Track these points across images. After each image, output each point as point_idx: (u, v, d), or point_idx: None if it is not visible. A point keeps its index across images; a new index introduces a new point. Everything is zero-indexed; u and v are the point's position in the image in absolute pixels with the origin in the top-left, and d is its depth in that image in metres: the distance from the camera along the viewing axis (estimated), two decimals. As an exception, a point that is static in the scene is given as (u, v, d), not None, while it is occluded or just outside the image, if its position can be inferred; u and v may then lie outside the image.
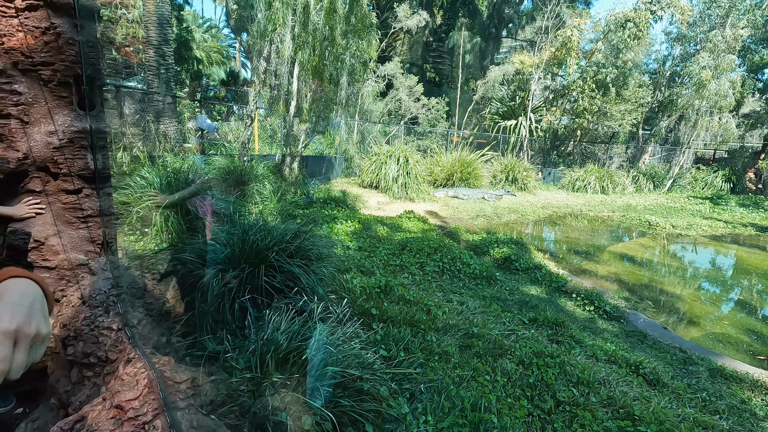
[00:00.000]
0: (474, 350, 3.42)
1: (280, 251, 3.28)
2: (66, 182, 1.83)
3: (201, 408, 1.49)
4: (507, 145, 18.73)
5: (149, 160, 7.37)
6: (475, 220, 10.38)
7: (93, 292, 1.71)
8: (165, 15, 10.49)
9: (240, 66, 31.14)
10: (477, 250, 7.00)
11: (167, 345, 1.94)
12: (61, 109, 1.84)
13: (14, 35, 1.74)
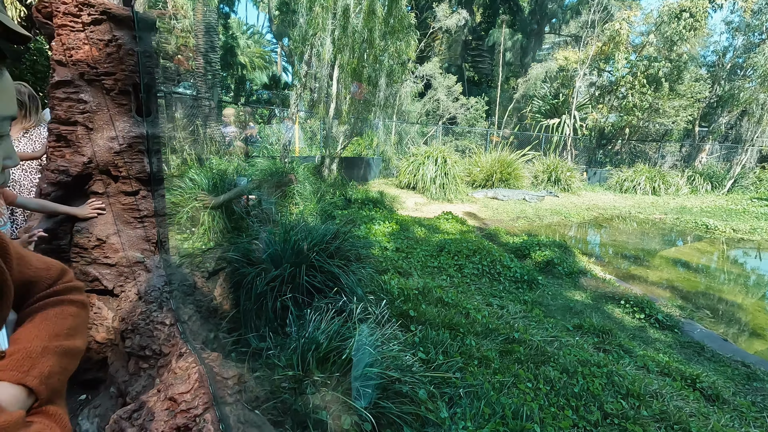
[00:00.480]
0: (515, 356, 3.33)
1: (320, 251, 3.33)
2: (125, 184, 1.95)
3: (246, 403, 1.53)
4: (549, 145, 18.13)
5: (197, 163, 7.73)
6: (515, 221, 10.12)
7: (148, 288, 1.81)
8: (212, 23, 10.97)
9: (281, 70, 32.05)
10: (518, 252, 6.82)
11: (215, 340, 2.02)
12: (122, 116, 1.96)
13: (81, 48, 1.87)
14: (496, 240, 7.60)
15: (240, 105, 14.98)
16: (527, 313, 4.49)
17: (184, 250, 3.79)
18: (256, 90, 25.19)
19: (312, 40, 8.60)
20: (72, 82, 1.86)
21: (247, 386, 1.60)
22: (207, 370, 1.31)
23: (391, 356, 2.56)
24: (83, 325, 0.71)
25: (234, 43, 23.80)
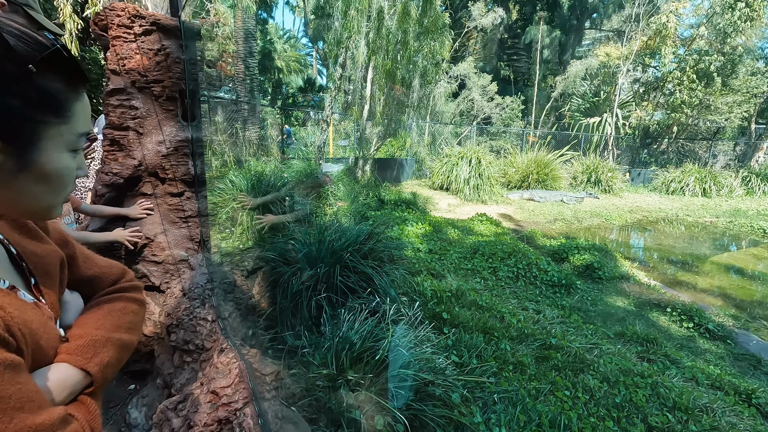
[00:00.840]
0: (552, 362, 3.23)
1: (354, 252, 3.37)
2: (171, 186, 2.05)
3: (283, 400, 1.57)
4: (589, 144, 17.47)
5: (236, 164, 8.01)
6: (552, 224, 9.82)
7: (192, 285, 1.89)
8: (251, 30, 11.35)
9: (316, 73, 32.65)
10: (555, 256, 6.61)
11: (253, 337, 2.09)
12: (168, 121, 2.07)
13: (133, 57, 1.99)
14: (532, 242, 7.41)
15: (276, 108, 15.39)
16: (565, 318, 4.35)
17: (224, 249, 3.93)
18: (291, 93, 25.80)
19: (347, 43, 8.71)
20: (124, 90, 1.98)
21: (284, 383, 1.64)
22: (246, 366, 1.36)
23: (424, 358, 2.55)
24: (140, 323, 0.78)
25: (271, 48, 24.48)
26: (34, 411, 0.47)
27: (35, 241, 0.68)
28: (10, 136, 0.48)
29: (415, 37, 8.99)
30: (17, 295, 0.58)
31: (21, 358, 0.50)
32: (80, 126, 0.55)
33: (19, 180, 0.51)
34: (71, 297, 0.75)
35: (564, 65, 21.56)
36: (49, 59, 0.50)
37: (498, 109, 18.24)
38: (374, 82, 9.63)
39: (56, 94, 0.51)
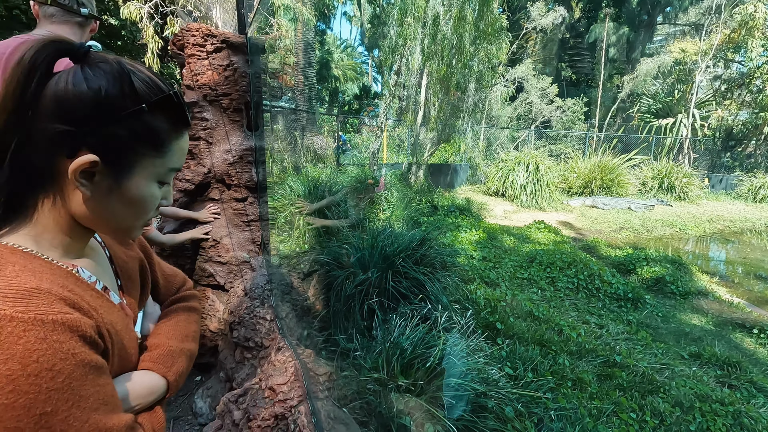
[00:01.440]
0: (615, 381, 3.03)
1: (406, 257, 3.38)
2: (236, 192, 2.19)
3: (335, 400, 1.61)
4: (661, 148, 16.18)
5: (294, 171, 8.35)
6: (618, 233, 9.19)
7: (253, 285, 2.00)
8: (309, 41, 11.83)
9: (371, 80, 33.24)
10: (620, 267, 6.19)
11: (308, 338, 2.16)
12: (235, 131, 2.21)
13: (205, 73, 2.16)
14: (594, 252, 6.99)
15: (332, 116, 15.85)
16: (631, 335, 4.05)
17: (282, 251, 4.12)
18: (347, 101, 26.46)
19: (402, 50, 8.79)
20: (197, 103, 2.15)
21: (336, 384, 1.68)
22: (302, 365, 1.41)
23: (476, 368, 2.49)
24: (199, 331, 0.86)
25: (329, 58, 25.32)
26: (107, 414, 0.50)
27: (122, 247, 0.77)
28: (111, 159, 0.54)
29: (471, 42, 8.87)
30: (108, 297, 0.64)
31: (105, 360, 0.54)
32: (173, 162, 0.61)
33: (109, 199, 0.57)
34: (153, 308, 0.84)
35: (632, 64, 20.20)
36: (161, 103, 0.56)
37: (558, 111, 17.45)
38: (428, 88, 9.63)
39: (159, 132, 0.57)
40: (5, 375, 0.41)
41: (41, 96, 0.51)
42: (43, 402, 0.43)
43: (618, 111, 19.86)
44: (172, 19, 7.05)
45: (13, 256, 0.51)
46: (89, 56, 0.55)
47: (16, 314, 0.43)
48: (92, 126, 0.52)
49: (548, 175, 11.05)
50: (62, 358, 0.45)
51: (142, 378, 0.65)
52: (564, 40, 22.94)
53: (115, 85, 0.53)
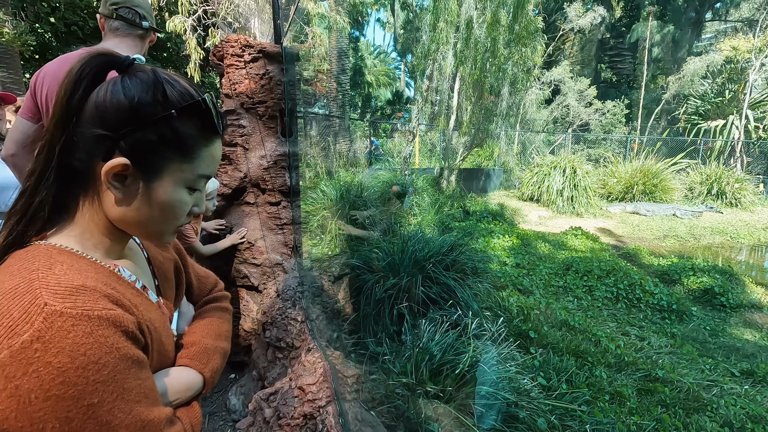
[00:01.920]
0: (657, 397, 2.88)
1: (436, 263, 3.36)
2: (270, 196, 2.26)
3: (362, 403, 1.63)
4: (710, 151, 15.26)
5: (327, 175, 8.49)
6: (662, 241, 8.74)
7: (285, 287, 2.06)
8: (343, 48, 12.03)
9: (404, 86, 33.34)
10: (664, 277, 5.88)
11: (337, 340, 2.19)
12: (269, 137, 2.29)
13: (242, 82, 2.25)
14: (636, 261, 6.68)
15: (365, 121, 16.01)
16: (675, 348, 3.84)
17: (313, 254, 4.19)
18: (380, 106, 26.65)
19: (434, 55, 8.79)
20: (235, 111, 2.24)
21: (364, 387, 1.70)
22: (330, 367, 1.43)
23: (507, 377, 2.44)
24: (231, 330, 0.90)
25: (362, 64, 25.63)
26: (148, 407, 0.53)
27: (159, 249, 0.81)
28: (141, 163, 0.56)
29: (505, 45, 8.75)
30: (147, 295, 0.66)
31: (146, 355, 0.56)
32: (202, 169, 0.63)
33: (139, 203, 0.59)
34: (187, 308, 0.88)
35: (678, 63, 19.22)
36: (189, 109, 0.58)
37: (597, 114, 16.85)
38: (461, 92, 9.56)
39: (186, 138, 0.59)
40: (56, 367, 0.44)
41: (85, 104, 0.55)
42: (90, 394, 0.45)
43: (662, 113, 18.93)
44: (213, 30, 7.37)
45: (61, 256, 0.54)
46: (131, 68, 0.59)
47: (65, 310, 0.46)
48: (125, 131, 0.55)
49: (586, 180, 10.67)
50: (107, 352, 0.47)
51: (180, 374, 0.68)
52: (603, 40, 22.17)
53: (148, 93, 0.56)
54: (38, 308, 0.45)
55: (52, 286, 0.48)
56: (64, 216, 0.59)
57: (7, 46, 7.52)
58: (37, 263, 0.51)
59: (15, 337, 0.43)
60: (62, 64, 1.52)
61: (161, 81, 0.57)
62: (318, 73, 11.65)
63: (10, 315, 0.45)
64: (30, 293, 0.46)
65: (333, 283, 2.75)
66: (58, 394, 0.43)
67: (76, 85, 0.55)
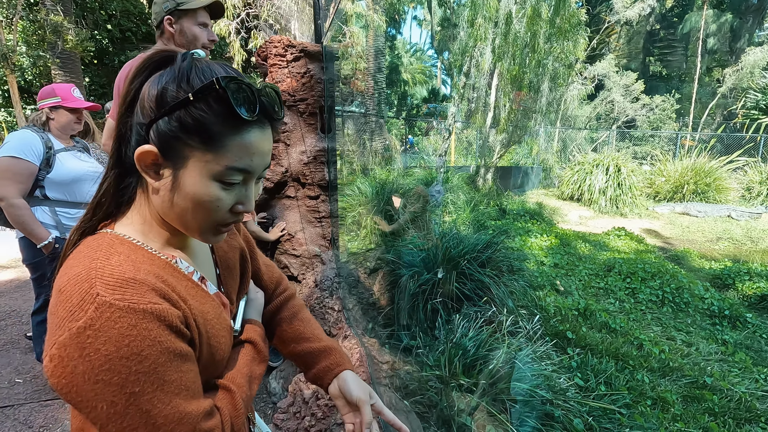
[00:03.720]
0: (705, 405, 2.75)
1: (471, 260, 3.36)
2: (310, 190, 2.34)
3: (396, 390, 1.67)
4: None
5: (363, 173, 8.60)
6: (714, 243, 8.23)
7: (323, 278, 2.13)
8: (380, 47, 12.10)
9: (440, 83, 33.08)
10: (716, 281, 5.54)
11: (372, 331, 2.25)
12: (310, 134, 2.38)
13: (284, 81, 2.34)
14: (684, 263, 6.34)
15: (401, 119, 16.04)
16: (726, 356, 3.63)
17: (349, 248, 4.28)
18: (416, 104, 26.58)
19: (472, 51, 8.69)
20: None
21: (398, 375, 1.74)
22: (366, 353, 1.49)
23: (542, 375, 2.41)
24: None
25: (398, 62, 25.65)
26: (187, 399, 0.54)
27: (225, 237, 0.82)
28: (167, 152, 0.56)
29: (546, 39, 8.51)
30: (204, 287, 0.66)
31: (192, 348, 0.57)
32: (231, 160, 0.57)
33: (172, 194, 0.58)
34: (256, 295, 0.87)
35: (736, 54, 17.94)
36: (206, 92, 0.54)
37: (644, 110, 16.02)
38: (499, 89, 9.39)
39: (208, 125, 0.55)
40: (104, 354, 0.47)
41: (138, 98, 0.58)
42: (132, 383, 0.48)
43: (717, 108, 17.75)
44: (255, 33, 7.64)
45: (122, 246, 0.56)
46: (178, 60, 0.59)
47: (114, 301, 0.48)
48: (152, 118, 0.55)
49: (631, 178, 10.20)
50: (149, 345, 0.49)
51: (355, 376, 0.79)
52: (653, 32, 21.04)
53: (175, 80, 0.55)
54: (92, 297, 0.48)
55: (106, 277, 0.50)
56: (131, 206, 0.63)
57: (70, 52, 8.14)
58: (98, 252, 0.54)
59: (73, 321, 0.47)
60: None
61: (192, 68, 0.56)
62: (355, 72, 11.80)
63: (71, 300, 0.49)
64: (87, 282, 0.49)
65: (368, 276, 2.82)
66: (104, 379, 0.47)
67: (134, 79, 0.58)
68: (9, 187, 1.99)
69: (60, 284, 0.51)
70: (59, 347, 0.47)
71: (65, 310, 0.48)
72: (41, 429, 2.13)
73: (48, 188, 2.14)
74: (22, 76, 10.19)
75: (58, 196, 2.17)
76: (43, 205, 2.15)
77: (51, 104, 2.16)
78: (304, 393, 1.44)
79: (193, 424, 0.54)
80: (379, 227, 4.67)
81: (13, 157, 2.00)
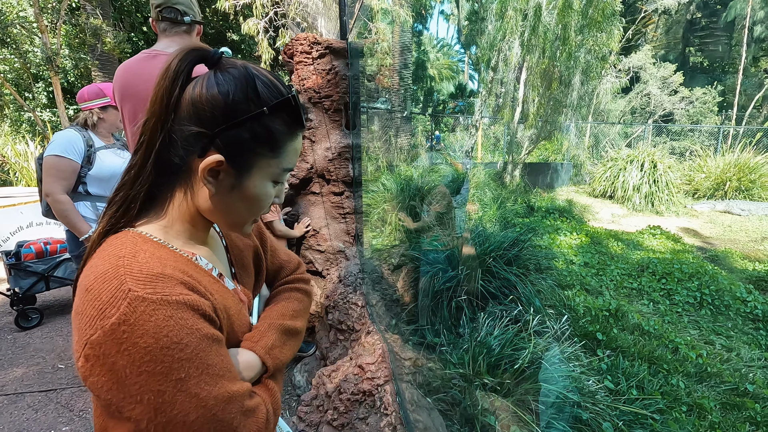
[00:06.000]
0: (746, 413, 2.61)
1: (497, 257, 3.30)
2: (334, 186, 2.36)
3: (419, 387, 1.67)
4: (826, 143, 13.20)
5: (388, 169, 8.59)
6: (759, 243, 7.77)
7: (347, 273, 2.15)
8: (406, 43, 12.03)
9: (467, 78, 32.61)
10: (760, 284, 5.24)
11: (395, 327, 2.25)
12: (334, 130, 2.39)
13: (310, 78, 2.37)
14: (725, 264, 6.02)
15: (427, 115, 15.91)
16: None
17: (373, 245, 4.29)
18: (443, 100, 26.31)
19: (500, 45, 8.51)
20: (303, 105, 2.36)
21: (420, 371, 1.73)
22: (389, 349, 1.49)
23: (570, 377, 2.35)
24: (305, 311, 0.88)
25: (425, 58, 25.44)
26: (231, 380, 0.56)
27: (240, 236, 0.83)
28: (234, 159, 0.59)
29: (578, 31, 8.23)
30: (223, 283, 0.69)
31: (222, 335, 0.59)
32: (287, 162, 0.64)
33: (230, 196, 0.61)
34: (267, 293, 0.89)
35: (787, 43, 16.84)
36: (280, 106, 0.59)
37: (683, 103, 15.26)
38: (528, 83, 9.17)
39: (277, 134, 0.60)
40: (143, 347, 0.48)
41: (181, 100, 0.58)
42: (177, 370, 0.49)
43: (765, 100, 16.72)
44: (283, 31, 7.75)
45: (146, 245, 0.58)
46: (221, 62, 0.60)
47: (147, 295, 0.49)
48: (220, 128, 0.57)
49: (668, 175, 9.75)
50: (188, 333, 0.51)
51: (234, 353, 0.67)
52: (693, 20, 20.01)
53: (242, 90, 0.57)
54: (123, 293, 0.49)
55: (135, 273, 0.51)
56: (157, 207, 0.63)
57: (108, 54, 8.49)
58: (124, 250, 0.55)
59: (105, 319, 0.48)
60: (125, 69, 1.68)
61: (252, 77, 0.59)
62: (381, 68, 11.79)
63: (100, 298, 0.49)
64: (117, 279, 0.50)
65: (392, 272, 2.82)
66: (148, 370, 0.48)
67: (174, 83, 0.58)
68: (54, 184, 2.10)
69: (86, 283, 0.52)
70: (93, 346, 0.48)
71: (95, 309, 0.49)
72: (81, 412, 2.24)
73: (89, 184, 2.25)
74: (64, 78, 10.74)
75: (98, 192, 2.28)
76: (85, 200, 2.25)
77: (102, 104, 2.26)
78: (327, 387, 1.46)
79: (241, 402, 0.57)
80: (404, 224, 4.66)
81: (58, 155, 2.10)
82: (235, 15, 8.41)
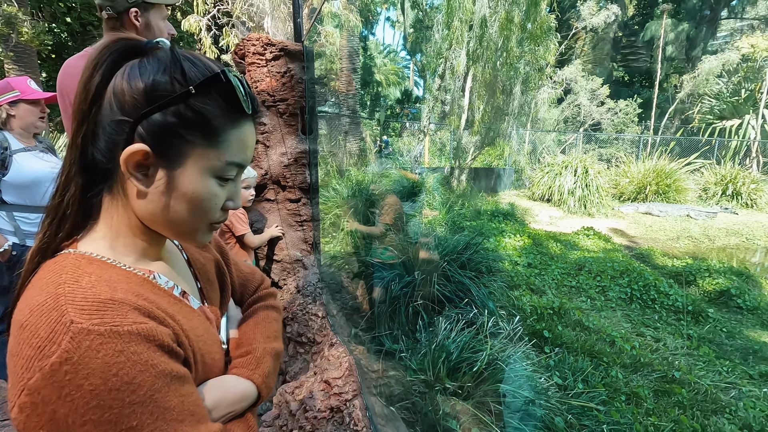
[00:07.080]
0: (674, 398, 2.86)
1: (451, 261, 3.37)
2: (290, 193, 2.28)
3: (383, 398, 1.64)
4: (725, 151, 15.02)
5: (338, 174, 8.52)
6: (675, 242, 8.64)
7: (305, 283, 2.08)
8: (354, 48, 12.04)
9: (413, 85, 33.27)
10: (678, 278, 5.81)
11: (355, 337, 2.21)
12: (290, 135, 2.31)
13: (263, 80, 2.27)
14: (649, 261, 6.62)
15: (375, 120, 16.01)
16: (691, 350, 3.81)
17: (329, 252, 4.22)
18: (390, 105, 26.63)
19: (446, 53, 8.77)
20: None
21: (383, 382, 1.71)
22: (356, 361, 1.45)
23: (523, 376, 2.44)
24: (281, 329, 0.82)
25: (371, 63, 25.62)
26: (193, 425, 0.48)
27: (199, 249, 0.76)
28: (162, 149, 0.51)
29: (518, 43, 8.71)
30: (187, 302, 0.61)
31: (187, 369, 0.52)
32: (231, 155, 0.55)
33: (165, 196, 0.53)
34: (236, 312, 0.82)
35: (693, 62, 18.97)
36: (209, 85, 0.52)
37: (609, 114, 16.67)
38: (473, 91, 9.53)
39: (210, 119, 0.52)
40: (89, 390, 0.41)
41: (104, 92, 0.51)
42: (128, 416, 0.42)
43: (676, 112, 18.69)
44: (227, 30, 7.43)
45: (90, 266, 0.50)
46: (152, 50, 0.54)
47: (92, 327, 0.42)
48: (142, 114, 0.50)
49: (598, 180, 10.58)
50: (141, 370, 0.44)
51: (230, 383, 0.63)
52: (616, 39, 21.95)
53: (166, 72, 0.51)
54: (64, 327, 0.42)
55: (79, 301, 0.44)
56: (94, 216, 0.55)
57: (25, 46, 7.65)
58: (64, 275, 0.47)
59: (44, 358, 0.40)
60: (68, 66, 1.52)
61: (179, 59, 0.52)
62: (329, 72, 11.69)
63: (37, 335, 0.42)
64: (56, 310, 0.43)
65: (351, 280, 2.78)
66: (94, 418, 0.41)
67: (93, 72, 0.51)
68: None
69: (21, 319, 0.44)
70: (30, 393, 0.40)
71: (32, 348, 0.41)
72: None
73: (5, 192, 1.99)
74: (-29, 70, 9.52)
75: (16, 200, 2.02)
76: (0, 210, 1.99)
77: (9, 99, 2.00)
78: (290, 405, 1.39)
79: None
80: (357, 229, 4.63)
81: None
82: (173, 11, 7.94)
